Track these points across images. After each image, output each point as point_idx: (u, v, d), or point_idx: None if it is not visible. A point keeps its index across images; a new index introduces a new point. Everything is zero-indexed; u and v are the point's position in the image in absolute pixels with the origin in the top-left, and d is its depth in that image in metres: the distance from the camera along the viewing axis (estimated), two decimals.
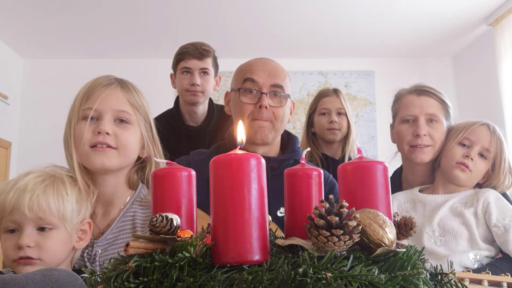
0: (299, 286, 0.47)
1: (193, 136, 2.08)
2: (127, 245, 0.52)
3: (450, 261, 0.79)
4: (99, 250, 1.08)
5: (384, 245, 0.54)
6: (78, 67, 4.53)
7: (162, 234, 0.53)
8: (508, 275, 0.80)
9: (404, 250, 0.56)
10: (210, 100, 2.16)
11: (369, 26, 4.14)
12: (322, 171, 0.68)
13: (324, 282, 0.47)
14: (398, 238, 0.62)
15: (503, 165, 1.39)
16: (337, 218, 0.51)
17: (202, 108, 2.11)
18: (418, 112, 1.47)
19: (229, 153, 0.56)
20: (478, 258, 1.28)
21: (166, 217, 0.54)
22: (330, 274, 0.47)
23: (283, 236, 0.65)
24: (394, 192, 1.50)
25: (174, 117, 2.11)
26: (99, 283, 0.55)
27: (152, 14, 3.92)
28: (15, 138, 4.62)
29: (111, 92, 1.11)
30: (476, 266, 1.26)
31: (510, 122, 3.68)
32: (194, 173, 0.66)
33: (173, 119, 2.11)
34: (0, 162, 4.36)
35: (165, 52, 4.03)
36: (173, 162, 0.67)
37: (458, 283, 0.58)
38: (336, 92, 2.09)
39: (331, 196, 0.53)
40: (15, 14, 3.88)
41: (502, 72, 3.81)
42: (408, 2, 3.72)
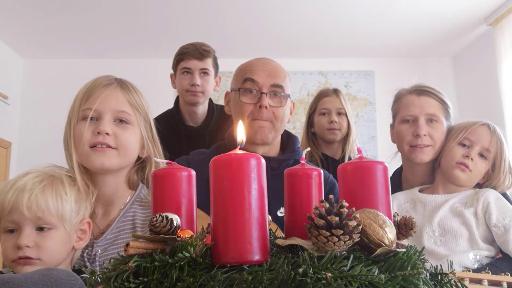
0: (299, 286, 0.47)
1: (193, 136, 2.08)
2: (127, 245, 0.52)
3: (450, 261, 0.79)
4: (99, 250, 1.08)
5: (384, 245, 0.54)
6: (78, 67, 4.53)
7: (162, 234, 0.53)
8: (508, 275, 0.80)
9: (404, 250, 0.56)
10: (210, 100, 2.16)
11: (369, 26, 4.14)
12: (322, 171, 0.68)
13: (324, 282, 0.47)
14: (398, 238, 0.62)
15: (503, 165, 1.39)
16: (337, 218, 0.51)
17: (202, 108, 2.11)
18: (418, 112, 1.47)
19: (229, 153, 0.56)
20: (478, 258, 1.28)
21: (166, 217, 0.54)
22: (330, 274, 0.47)
23: (283, 236, 0.65)
24: (394, 192, 1.50)
25: (174, 117, 2.11)
26: (99, 283, 0.55)
27: (152, 14, 3.92)
28: (15, 138, 4.62)
29: (111, 92, 1.11)
30: (476, 266, 1.26)
31: (510, 122, 3.68)
32: (194, 173, 0.66)
33: (173, 119, 2.11)
34: (0, 162, 4.36)
35: (165, 52, 4.03)
36: (173, 162, 0.67)
37: (458, 283, 0.58)
38: (336, 92, 2.09)
39: (331, 196, 0.53)
40: (15, 14, 3.88)
41: (502, 72, 3.80)
42: (408, 2, 3.72)
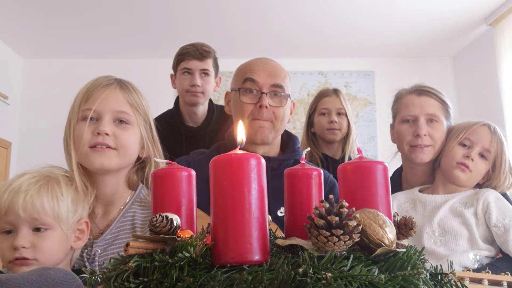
0: (299, 286, 0.47)
1: (193, 136, 2.08)
2: (127, 245, 0.52)
3: (450, 261, 0.79)
4: (99, 250, 1.08)
5: (384, 245, 0.54)
6: (78, 67, 4.53)
7: (162, 234, 0.53)
8: (508, 274, 0.79)
9: (404, 250, 0.55)
10: (210, 100, 2.16)
11: (369, 26, 4.14)
12: (322, 171, 0.68)
13: (324, 282, 0.46)
14: (398, 238, 0.62)
15: (504, 165, 1.39)
16: (337, 218, 0.51)
17: (202, 108, 2.10)
18: (418, 112, 1.47)
19: (229, 153, 0.56)
20: (478, 258, 1.28)
21: (166, 217, 0.54)
22: (330, 274, 0.47)
23: (283, 236, 0.65)
24: (394, 192, 1.50)
25: (174, 117, 2.11)
26: (99, 283, 0.55)
27: (152, 14, 3.92)
28: (15, 138, 4.63)
29: (111, 92, 1.11)
30: (476, 266, 1.26)
31: (510, 122, 3.68)
32: (194, 173, 0.66)
33: (173, 120, 2.10)
34: (0, 162, 4.36)
35: (165, 52, 4.03)
36: (173, 162, 0.67)
37: (458, 283, 0.58)
38: (336, 92, 2.09)
39: (331, 196, 0.53)
40: (15, 14, 3.88)
41: (502, 72, 3.80)
42: (408, 2, 3.72)
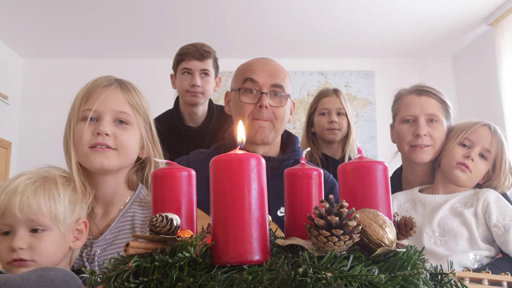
0: (299, 286, 0.46)
1: (193, 136, 2.08)
2: (127, 245, 0.52)
3: (450, 261, 0.79)
4: (98, 250, 1.08)
5: (384, 245, 0.54)
6: (78, 67, 4.53)
7: (162, 234, 0.53)
8: (508, 274, 0.79)
9: (404, 250, 0.55)
10: (210, 100, 2.16)
11: (369, 26, 4.14)
12: (322, 171, 0.68)
13: (324, 282, 0.46)
14: (398, 238, 0.62)
15: (504, 166, 1.39)
16: (337, 218, 0.51)
17: (202, 109, 2.10)
18: (418, 112, 1.47)
19: (229, 153, 0.56)
20: (478, 258, 1.28)
21: (166, 217, 0.54)
22: (330, 274, 0.47)
23: (283, 236, 0.65)
24: (394, 192, 1.50)
25: (174, 117, 2.11)
26: (99, 283, 0.55)
27: (152, 14, 3.92)
28: (15, 138, 4.63)
29: (111, 93, 1.11)
30: (476, 266, 1.26)
31: (510, 122, 3.68)
32: (194, 173, 0.66)
33: (173, 120, 2.10)
34: (0, 162, 4.36)
35: (165, 52, 4.03)
36: (173, 162, 0.67)
37: (458, 283, 0.58)
38: (336, 92, 2.09)
39: (331, 196, 0.53)
40: (15, 14, 3.88)
41: (502, 72, 3.80)
42: (408, 2, 3.72)
